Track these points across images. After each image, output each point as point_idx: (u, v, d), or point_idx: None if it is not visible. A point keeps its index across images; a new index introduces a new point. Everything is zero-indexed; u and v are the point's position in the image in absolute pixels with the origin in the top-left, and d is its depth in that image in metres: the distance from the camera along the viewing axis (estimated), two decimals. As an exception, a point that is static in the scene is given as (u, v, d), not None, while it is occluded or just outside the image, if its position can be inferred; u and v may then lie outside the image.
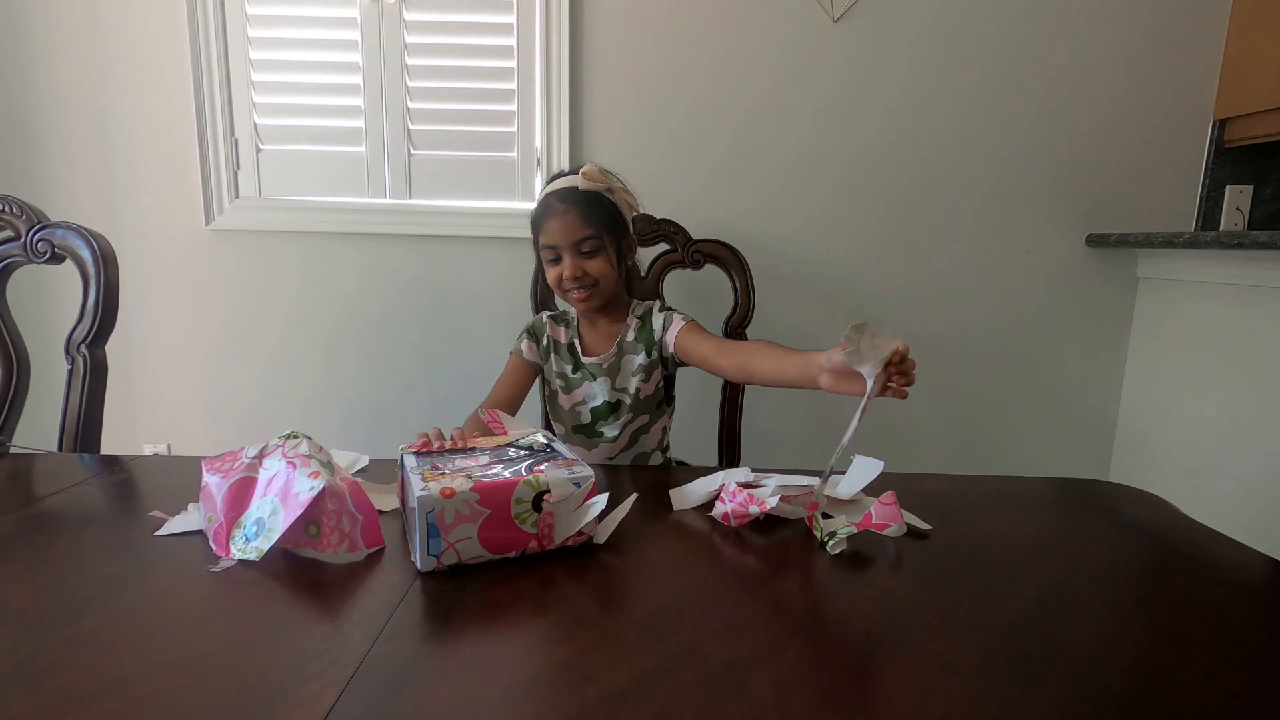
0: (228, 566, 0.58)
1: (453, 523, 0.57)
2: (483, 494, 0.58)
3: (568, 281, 1.03)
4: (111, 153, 1.58)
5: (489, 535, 0.59)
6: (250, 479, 0.64)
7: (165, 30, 1.53)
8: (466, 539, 0.58)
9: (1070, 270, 1.61)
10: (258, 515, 0.61)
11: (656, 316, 1.08)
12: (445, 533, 0.57)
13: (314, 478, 0.60)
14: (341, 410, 1.69)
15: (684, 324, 1.05)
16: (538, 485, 0.60)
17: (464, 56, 1.56)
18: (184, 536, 0.64)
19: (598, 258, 1.02)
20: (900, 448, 1.67)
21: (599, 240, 1.02)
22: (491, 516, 0.58)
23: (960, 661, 0.47)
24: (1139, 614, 0.55)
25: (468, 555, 0.59)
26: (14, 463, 0.85)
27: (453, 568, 0.58)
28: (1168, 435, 1.53)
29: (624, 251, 1.08)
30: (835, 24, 1.52)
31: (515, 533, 0.59)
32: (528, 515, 0.59)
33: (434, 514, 0.57)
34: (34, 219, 1.02)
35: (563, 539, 0.61)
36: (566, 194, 1.02)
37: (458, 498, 0.57)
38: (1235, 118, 1.49)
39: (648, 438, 1.12)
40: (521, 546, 0.60)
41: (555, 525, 0.60)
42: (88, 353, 1.01)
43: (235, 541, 0.61)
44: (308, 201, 1.60)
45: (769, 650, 0.48)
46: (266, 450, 0.65)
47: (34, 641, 0.47)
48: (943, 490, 0.81)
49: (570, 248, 1.01)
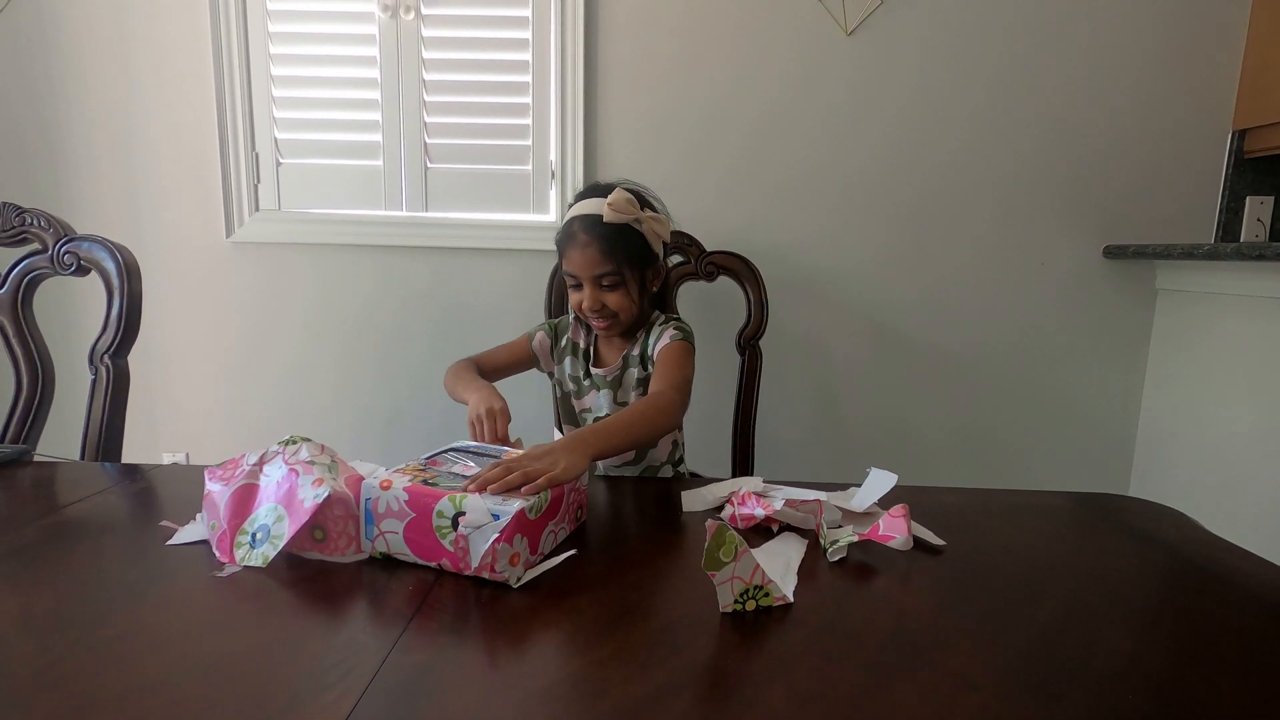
0: (233, 573, 0.59)
1: (384, 514, 0.61)
2: (411, 497, 0.60)
3: (587, 311, 1.03)
4: (136, 167, 1.62)
5: (412, 537, 0.60)
6: (252, 485, 0.65)
7: (189, 48, 1.57)
8: (394, 533, 0.61)
9: (1088, 282, 1.59)
10: (262, 522, 0.62)
11: (656, 330, 1.07)
12: (377, 521, 0.61)
13: (318, 485, 0.61)
14: (357, 420, 1.70)
15: (669, 342, 1.03)
16: (458, 505, 0.59)
17: (480, 71, 1.58)
18: (200, 545, 0.64)
19: (617, 292, 1.01)
20: (916, 461, 1.65)
21: (619, 276, 1.00)
22: (415, 521, 0.60)
23: (978, 678, 0.46)
24: (1160, 631, 0.54)
25: (395, 549, 0.61)
26: (37, 471, 0.86)
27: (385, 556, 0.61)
28: (1189, 449, 1.50)
29: (648, 281, 1.06)
30: (848, 37, 1.53)
31: (435, 544, 0.59)
32: (447, 531, 0.59)
33: (370, 501, 0.61)
34: (61, 232, 1.05)
35: (476, 567, 0.58)
36: (591, 224, 0.99)
37: (390, 493, 0.60)
38: (1255, 128, 1.48)
39: (655, 451, 1.12)
40: (439, 559, 0.59)
41: (469, 550, 0.58)
42: (111, 363, 1.03)
43: (239, 548, 0.61)
44: (326, 214, 1.62)
45: (783, 665, 0.47)
46: (267, 457, 0.66)
47: (56, 648, 0.47)
48: (959, 504, 0.80)
49: (590, 280, 1.01)
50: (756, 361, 1.34)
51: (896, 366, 1.64)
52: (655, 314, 1.11)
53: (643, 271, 1.04)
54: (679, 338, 1.03)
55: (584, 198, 1.04)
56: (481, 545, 0.57)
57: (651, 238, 1.02)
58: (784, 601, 0.55)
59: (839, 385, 1.65)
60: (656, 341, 1.05)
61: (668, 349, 1.02)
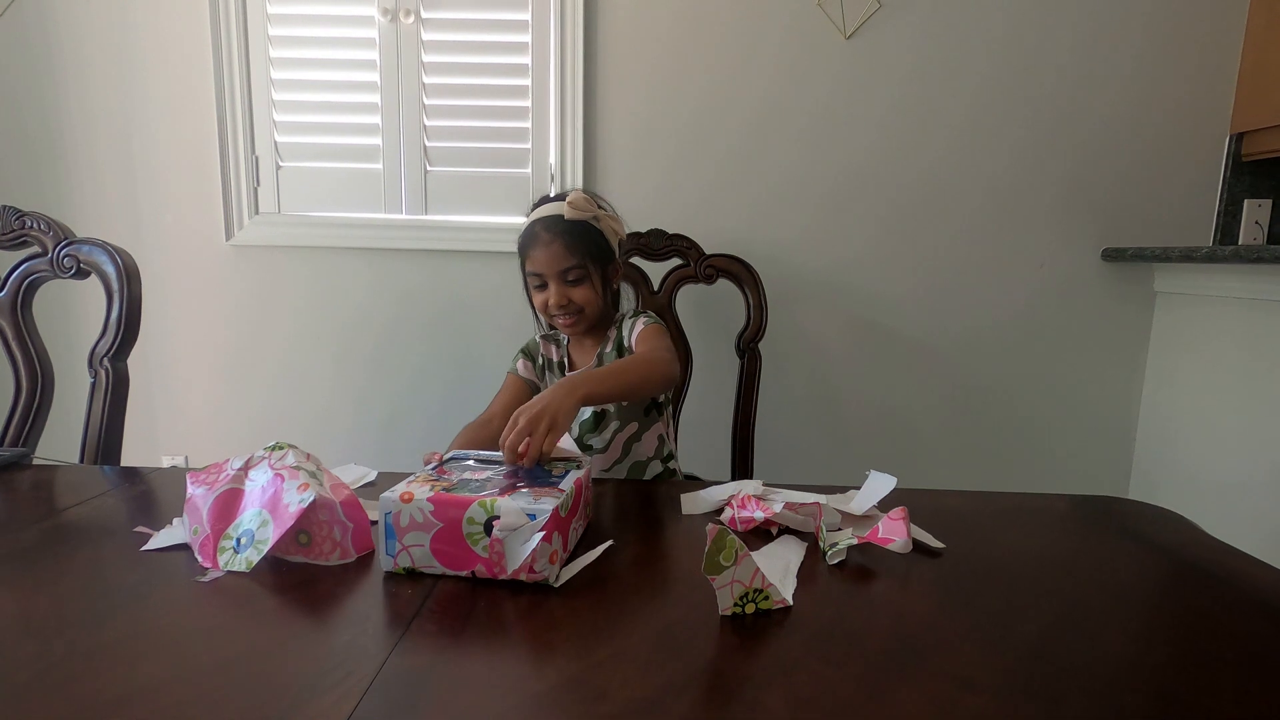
0: (215, 578, 0.59)
1: (407, 527, 0.59)
2: (437, 507, 0.58)
3: (554, 309, 1.05)
4: (137, 170, 1.62)
5: (440, 548, 0.59)
6: (237, 490, 0.64)
7: (190, 52, 1.57)
8: (419, 546, 0.59)
9: (1086, 284, 1.60)
10: (246, 527, 0.62)
11: (627, 324, 1.11)
12: (400, 536, 0.59)
13: (303, 490, 0.61)
14: (357, 422, 1.70)
15: (644, 327, 1.07)
16: (490, 510, 0.58)
17: (479, 75, 1.58)
18: (181, 550, 0.64)
19: (583, 286, 1.05)
20: (915, 464, 1.66)
21: (584, 269, 1.04)
22: (444, 531, 0.58)
23: (978, 680, 0.46)
24: (1160, 634, 0.54)
25: (421, 562, 0.59)
26: (37, 474, 0.86)
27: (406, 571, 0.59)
28: (1188, 452, 1.51)
29: (609, 277, 1.10)
30: (847, 40, 1.53)
31: (466, 552, 0.58)
32: (479, 537, 0.58)
33: (391, 516, 0.59)
34: (60, 235, 1.05)
35: (513, 570, 0.57)
36: (552, 223, 1.04)
37: (413, 505, 0.58)
38: (1253, 131, 1.48)
39: (641, 446, 1.12)
40: (471, 566, 0.58)
41: (505, 554, 0.57)
42: (110, 366, 1.03)
43: (223, 553, 0.61)
44: (326, 217, 1.63)
45: (783, 668, 0.47)
46: (252, 462, 0.66)
47: (56, 651, 0.47)
48: (958, 506, 0.80)
49: (556, 276, 1.04)
50: (756, 364, 1.34)
51: (896, 369, 1.64)
52: (625, 310, 1.14)
53: (604, 267, 1.07)
54: (651, 321, 1.08)
55: (539, 205, 1.08)
56: (518, 547, 0.57)
57: (609, 234, 1.07)
58: (783, 605, 0.55)
59: (838, 387, 1.65)
60: (631, 332, 1.09)
61: (644, 332, 1.07)
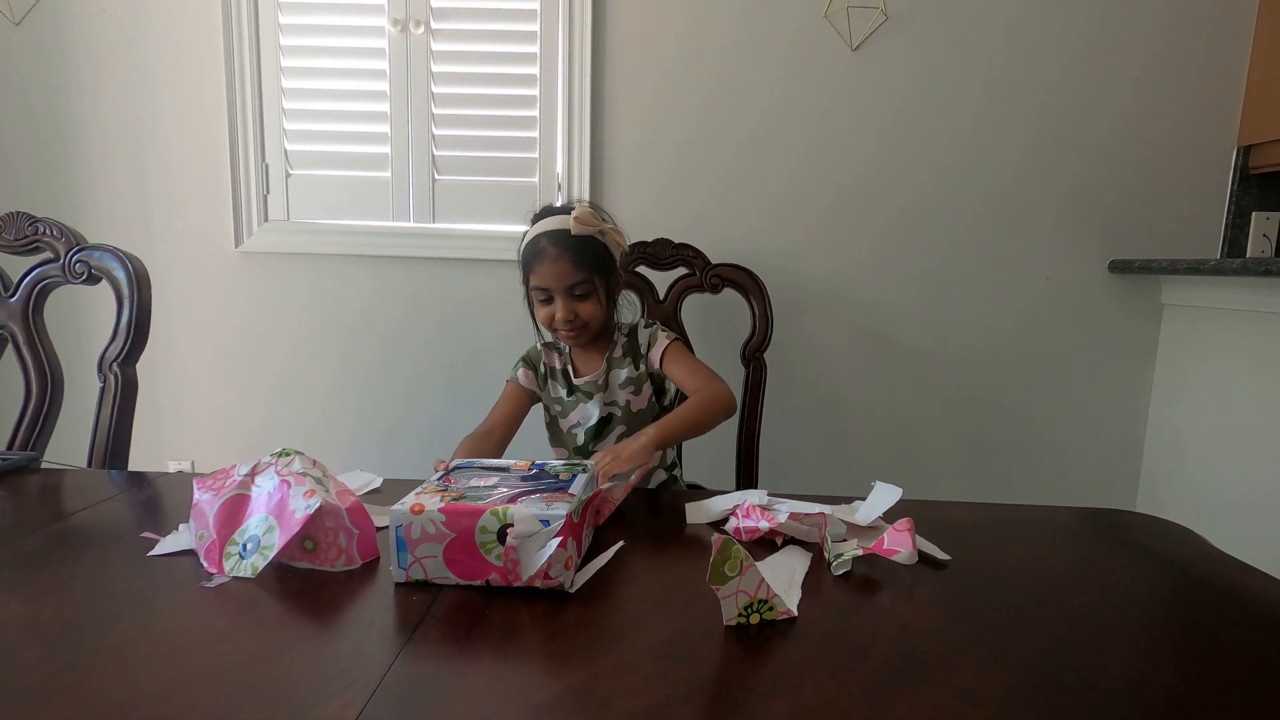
0: (221, 583, 0.59)
1: (419, 539, 0.58)
2: (449, 517, 0.58)
3: (560, 324, 1.05)
4: (148, 176, 1.64)
5: (453, 558, 0.58)
6: (244, 496, 0.64)
7: (202, 61, 1.59)
8: (432, 558, 0.58)
9: (1093, 296, 1.59)
10: (252, 533, 0.62)
11: (643, 333, 1.12)
12: (411, 548, 0.58)
13: (309, 496, 0.61)
14: (363, 429, 1.70)
15: (668, 344, 1.08)
16: (503, 518, 0.57)
17: (488, 85, 1.59)
18: (187, 555, 0.64)
19: (589, 300, 1.05)
20: (921, 475, 1.65)
21: (591, 284, 1.04)
22: (456, 540, 0.58)
23: (983, 694, 0.46)
24: (1167, 649, 0.54)
25: (434, 574, 0.59)
26: (45, 478, 0.87)
27: (420, 582, 0.59)
28: (1196, 465, 1.50)
29: (613, 288, 1.11)
30: (853, 52, 1.54)
31: (480, 561, 0.58)
32: (493, 546, 0.57)
33: (402, 529, 0.58)
34: (72, 241, 1.06)
35: (529, 578, 0.57)
36: (559, 238, 1.03)
37: (425, 516, 0.58)
38: (1260, 144, 1.48)
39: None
40: (485, 576, 0.58)
41: (520, 561, 0.57)
42: (119, 371, 1.04)
43: (229, 559, 0.61)
44: (334, 225, 1.64)
45: (787, 679, 0.47)
46: (259, 468, 0.66)
47: (63, 655, 0.48)
48: (964, 518, 0.79)
49: (563, 291, 1.04)
50: (761, 374, 1.34)
51: (902, 380, 1.63)
52: (628, 317, 1.15)
53: (608, 279, 1.08)
54: (673, 339, 1.10)
55: (542, 218, 1.08)
56: (533, 553, 0.57)
57: (613, 247, 1.08)
58: (788, 615, 0.55)
59: (843, 398, 1.64)
60: (651, 345, 1.09)
61: (673, 351, 1.08)
